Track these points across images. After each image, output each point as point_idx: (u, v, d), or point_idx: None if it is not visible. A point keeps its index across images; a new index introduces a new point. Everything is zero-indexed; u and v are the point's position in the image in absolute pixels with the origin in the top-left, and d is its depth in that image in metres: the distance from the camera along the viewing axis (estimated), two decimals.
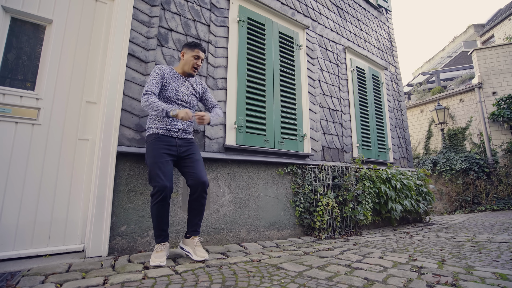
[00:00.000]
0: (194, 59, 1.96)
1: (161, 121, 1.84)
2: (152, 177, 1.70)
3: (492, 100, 6.96)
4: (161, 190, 1.65)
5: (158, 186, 1.66)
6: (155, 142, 1.79)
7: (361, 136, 4.04)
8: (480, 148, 7.01)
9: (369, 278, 1.51)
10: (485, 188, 6.54)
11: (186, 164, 1.85)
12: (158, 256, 1.68)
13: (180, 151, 1.86)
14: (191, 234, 1.85)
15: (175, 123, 1.88)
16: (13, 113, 1.85)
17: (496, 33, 12.28)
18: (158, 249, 1.72)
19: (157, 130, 1.83)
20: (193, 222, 1.84)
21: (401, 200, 3.85)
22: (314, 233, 2.96)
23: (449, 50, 14.57)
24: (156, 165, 1.71)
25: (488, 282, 1.47)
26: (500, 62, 7.15)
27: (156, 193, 1.67)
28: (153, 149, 1.77)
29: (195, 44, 1.99)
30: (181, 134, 1.91)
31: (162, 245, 1.74)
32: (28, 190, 1.82)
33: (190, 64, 1.96)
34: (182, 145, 1.88)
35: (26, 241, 1.78)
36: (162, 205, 1.69)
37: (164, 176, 1.69)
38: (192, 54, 1.96)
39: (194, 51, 1.96)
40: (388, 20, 5.35)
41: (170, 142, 1.83)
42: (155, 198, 1.68)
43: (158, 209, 1.69)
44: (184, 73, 2.00)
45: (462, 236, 3.20)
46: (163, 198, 1.67)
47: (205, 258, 1.77)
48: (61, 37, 2.06)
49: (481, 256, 2.16)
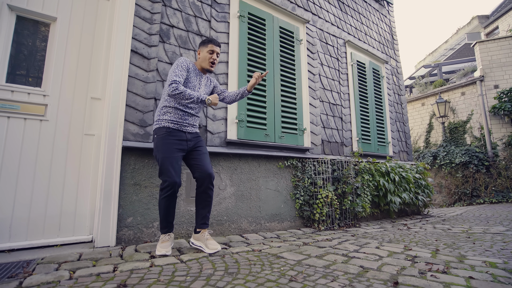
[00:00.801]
0: (209, 54, 1.97)
1: (173, 114, 1.85)
2: (163, 172, 1.74)
3: (493, 94, 6.95)
4: (171, 186, 1.72)
5: (168, 181, 1.71)
6: (167, 137, 1.81)
7: (361, 130, 4.09)
8: (481, 142, 7.03)
9: (364, 266, 1.58)
10: (484, 181, 6.60)
11: (193, 157, 1.90)
12: (164, 246, 1.75)
13: (189, 145, 1.90)
14: (200, 227, 1.89)
15: (186, 117, 1.90)
16: (22, 110, 1.91)
17: (500, 25, 12.11)
18: (163, 239, 1.79)
19: (168, 124, 1.83)
20: (201, 214, 1.88)
21: (399, 193, 3.92)
22: (313, 225, 3.05)
23: (453, 42, 14.41)
24: (167, 160, 1.75)
25: (478, 269, 1.55)
26: (502, 54, 7.10)
27: (166, 187, 1.73)
28: (164, 144, 1.79)
29: (209, 40, 2.00)
30: (191, 128, 1.94)
31: (167, 235, 1.81)
32: (38, 184, 1.90)
33: (206, 60, 1.97)
34: (192, 140, 1.92)
35: (38, 232, 1.87)
36: (170, 199, 1.75)
37: (174, 172, 1.74)
38: (206, 50, 1.97)
39: (208, 46, 1.98)
40: (389, 13, 5.32)
41: (181, 136, 1.86)
42: (164, 192, 1.74)
43: (167, 203, 1.75)
44: (202, 70, 2.02)
45: (458, 227, 3.28)
46: (172, 193, 1.74)
47: (218, 250, 1.81)
48: (65, 35, 2.11)
49: (474, 246, 2.23)
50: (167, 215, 1.78)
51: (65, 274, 1.34)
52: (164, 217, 1.79)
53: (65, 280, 1.28)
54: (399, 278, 1.39)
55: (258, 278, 1.33)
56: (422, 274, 1.45)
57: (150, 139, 2.19)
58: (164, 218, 1.79)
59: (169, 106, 1.86)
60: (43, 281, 1.25)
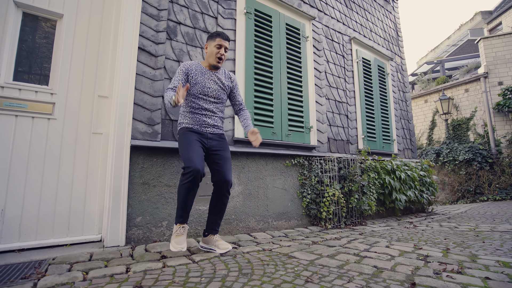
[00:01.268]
0: (216, 48, 1.87)
1: (190, 118, 1.83)
2: (186, 159, 1.66)
3: (497, 90, 6.91)
4: (193, 172, 1.59)
5: (191, 167, 1.60)
6: (188, 132, 1.80)
7: (366, 128, 4.07)
8: (484, 139, 7.01)
9: (378, 266, 1.57)
10: (488, 178, 6.58)
11: (214, 160, 1.83)
12: (179, 241, 1.65)
13: (210, 144, 1.84)
14: (210, 232, 1.85)
15: (204, 119, 1.85)
16: (30, 108, 1.89)
17: (504, 21, 12.01)
18: (178, 232, 1.69)
19: (187, 125, 1.83)
20: (213, 220, 1.85)
21: (405, 190, 3.91)
22: (320, 223, 3.04)
23: (455, 38, 14.31)
24: (189, 149, 1.70)
25: (492, 269, 1.53)
26: (507, 51, 7.04)
27: (187, 173, 1.61)
28: (185, 137, 1.77)
29: (217, 33, 1.89)
30: (212, 129, 1.88)
31: (181, 227, 1.71)
32: (47, 183, 1.89)
33: (213, 55, 1.87)
34: (213, 139, 1.87)
35: (47, 231, 1.86)
36: (190, 186, 1.63)
37: (196, 159, 1.64)
38: (214, 44, 1.87)
39: (215, 40, 1.87)
40: (394, 9, 5.26)
41: (202, 134, 1.83)
42: (185, 178, 1.62)
43: (186, 189, 1.64)
44: (210, 67, 1.92)
45: (465, 225, 3.27)
46: (193, 180, 1.61)
47: (229, 249, 1.79)
48: (72, 32, 2.08)
49: (484, 245, 2.22)
50: (185, 203, 1.68)
51: (78, 275, 1.33)
52: (182, 205, 1.68)
53: (79, 282, 1.27)
54: (415, 278, 1.37)
55: (274, 279, 1.31)
56: (437, 275, 1.44)
57: (158, 138, 2.16)
58: (182, 206, 1.68)
59: (186, 111, 1.85)
60: (57, 283, 1.24)
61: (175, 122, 2.29)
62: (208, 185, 2.32)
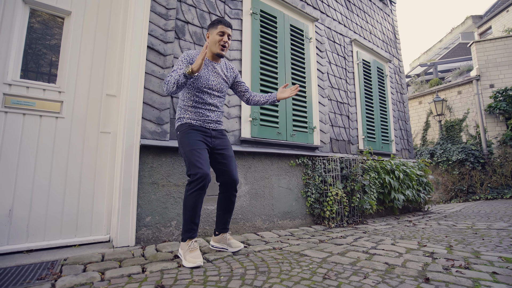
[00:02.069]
0: (219, 36, 1.75)
1: (192, 112, 1.74)
2: (192, 164, 1.56)
3: (489, 93, 7.11)
4: (202, 177, 1.52)
5: (200, 172, 1.52)
6: (190, 131, 1.69)
7: (366, 128, 4.14)
8: (476, 140, 7.20)
9: (389, 262, 1.61)
10: (480, 178, 6.77)
11: (219, 160, 1.77)
12: (195, 256, 1.51)
13: (214, 143, 1.77)
14: (221, 231, 1.84)
15: (208, 114, 1.77)
16: (38, 107, 1.86)
17: (493, 25, 12.37)
18: (192, 248, 1.56)
19: (190, 121, 1.73)
20: (223, 219, 1.83)
21: (403, 190, 3.99)
22: (323, 222, 3.08)
23: (447, 41, 14.65)
24: (195, 152, 1.60)
25: (497, 265, 1.59)
26: (498, 54, 7.26)
27: (196, 180, 1.53)
28: (189, 137, 1.67)
29: (218, 20, 1.78)
30: (214, 125, 1.81)
31: (194, 242, 1.59)
32: (55, 182, 1.86)
33: (216, 43, 1.75)
34: (217, 137, 1.80)
35: (55, 231, 1.83)
36: (200, 193, 1.55)
37: (204, 163, 1.57)
38: (216, 32, 1.75)
39: (217, 27, 1.76)
40: (392, 12, 5.36)
41: (205, 132, 1.74)
42: (193, 186, 1.53)
43: (195, 198, 1.54)
44: (213, 57, 1.82)
45: (462, 224, 3.36)
46: (202, 187, 1.54)
47: (241, 247, 1.79)
48: (79, 29, 2.05)
49: (484, 242, 2.30)
50: (194, 215, 1.57)
51: (95, 276, 1.32)
52: (191, 217, 1.57)
53: (98, 282, 1.26)
54: (427, 274, 1.42)
55: (292, 277, 1.33)
56: (447, 270, 1.49)
57: (167, 137, 2.16)
58: (190, 219, 1.57)
59: (188, 105, 1.75)
60: (76, 283, 1.23)
61: None
62: (215, 184, 2.33)
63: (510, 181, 6.41)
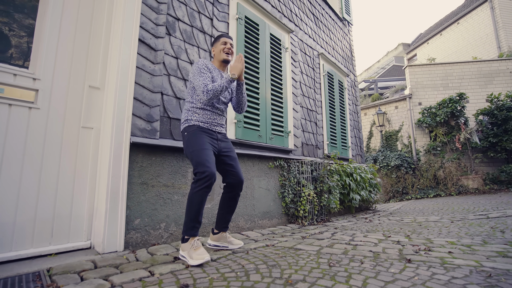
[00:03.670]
0: (223, 45, 1.92)
1: (201, 115, 1.79)
2: (200, 163, 1.60)
3: (418, 109, 8.50)
4: (209, 176, 1.57)
5: (207, 171, 1.57)
6: (199, 132, 1.74)
7: (330, 135, 4.55)
8: (409, 148, 8.50)
9: (372, 250, 1.85)
10: (412, 181, 8.00)
11: (226, 162, 1.84)
12: (200, 252, 1.53)
13: (220, 146, 1.84)
14: (220, 229, 1.87)
15: (215, 117, 1.85)
16: (6, 94, 1.60)
17: (418, 53, 14.84)
18: (195, 246, 1.56)
19: (198, 123, 1.78)
20: (225, 218, 1.87)
21: (359, 191, 4.50)
22: (297, 221, 3.28)
23: (384, 62, 16.94)
24: (203, 152, 1.65)
25: (448, 247, 1.97)
26: (424, 78, 8.75)
27: (203, 178, 1.56)
28: (197, 138, 1.71)
29: (220, 35, 1.98)
30: (220, 128, 1.89)
31: (197, 240, 1.60)
32: (27, 182, 1.61)
33: (221, 51, 1.92)
34: (222, 140, 1.87)
35: (26, 240, 1.58)
36: (206, 191, 1.58)
37: (212, 163, 1.63)
38: (219, 43, 1.94)
39: (220, 40, 1.95)
40: (349, 33, 6.03)
41: (212, 135, 1.81)
42: (200, 184, 1.57)
43: (202, 196, 1.57)
44: (220, 65, 1.96)
45: (407, 218, 3.96)
46: (209, 185, 1.58)
47: (242, 244, 1.85)
48: (59, 10, 1.83)
49: (429, 231, 2.77)
50: (198, 213, 1.59)
51: (102, 283, 1.21)
52: (196, 215, 1.59)
53: None
54: (406, 256, 1.68)
55: (302, 267, 1.44)
56: (417, 253, 1.79)
57: (157, 136, 2.06)
58: (195, 217, 1.59)
59: (197, 107, 1.80)
60: None
61: (174, 120, 2.22)
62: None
63: (433, 183, 7.73)
